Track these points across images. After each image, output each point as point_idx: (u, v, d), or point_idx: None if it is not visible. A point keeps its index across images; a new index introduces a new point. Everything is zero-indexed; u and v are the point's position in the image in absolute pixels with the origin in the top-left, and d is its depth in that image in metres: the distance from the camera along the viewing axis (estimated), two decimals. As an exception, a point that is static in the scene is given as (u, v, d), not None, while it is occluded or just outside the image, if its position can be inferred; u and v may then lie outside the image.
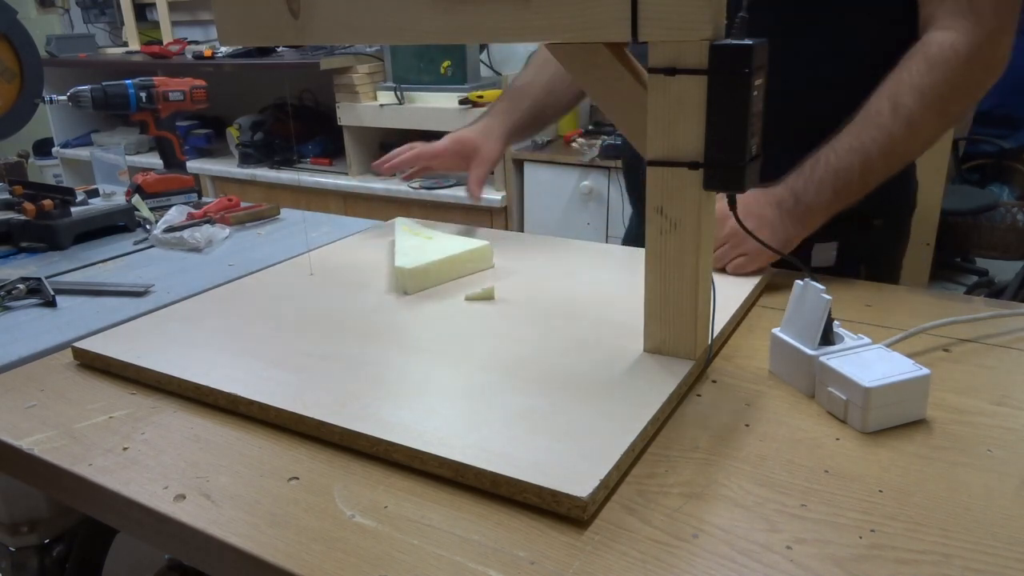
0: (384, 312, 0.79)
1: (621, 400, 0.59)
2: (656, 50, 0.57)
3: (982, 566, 0.43)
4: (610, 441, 0.53)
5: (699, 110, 0.58)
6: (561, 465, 0.51)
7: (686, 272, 0.63)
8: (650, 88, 0.59)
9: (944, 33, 0.79)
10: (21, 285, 0.91)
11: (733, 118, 0.57)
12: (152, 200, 1.26)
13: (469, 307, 0.79)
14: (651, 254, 0.64)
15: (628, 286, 0.83)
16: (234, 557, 0.48)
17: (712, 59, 0.56)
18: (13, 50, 1.16)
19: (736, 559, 0.44)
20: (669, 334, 0.65)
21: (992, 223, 2.75)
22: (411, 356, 0.68)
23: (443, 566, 0.45)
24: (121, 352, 0.70)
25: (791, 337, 0.63)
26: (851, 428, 0.57)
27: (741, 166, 0.58)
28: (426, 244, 0.91)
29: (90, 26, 3.62)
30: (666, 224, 0.62)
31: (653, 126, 0.60)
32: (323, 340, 0.71)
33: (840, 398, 0.58)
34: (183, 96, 1.31)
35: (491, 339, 0.71)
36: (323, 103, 2.86)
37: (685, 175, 0.60)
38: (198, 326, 0.76)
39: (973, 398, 0.61)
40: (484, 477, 0.51)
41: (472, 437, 0.54)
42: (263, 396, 0.61)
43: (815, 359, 0.61)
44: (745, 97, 0.56)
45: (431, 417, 0.58)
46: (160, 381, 0.67)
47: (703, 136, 0.58)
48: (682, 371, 0.63)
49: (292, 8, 0.72)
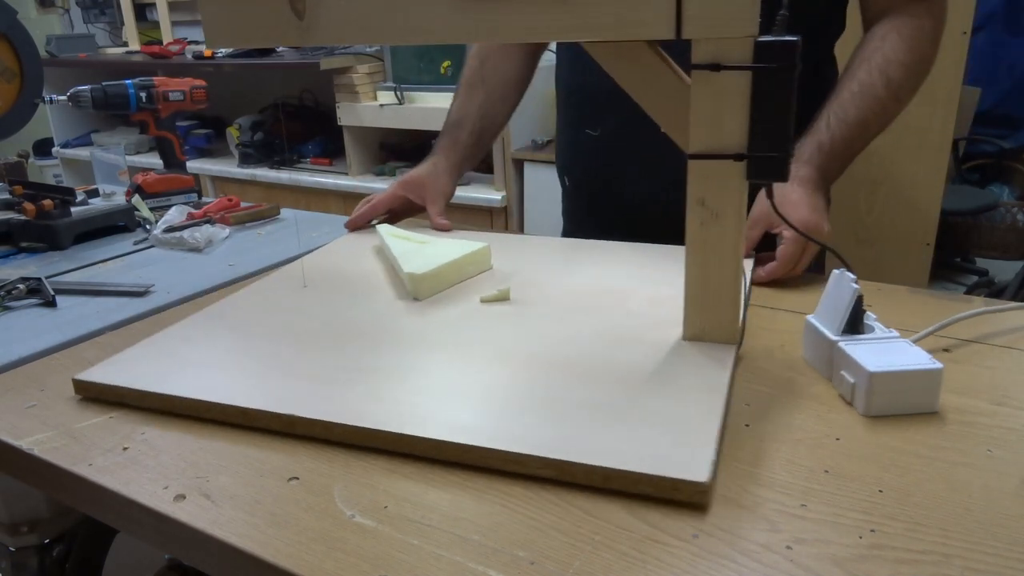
0: (403, 319, 0.76)
1: (685, 387, 0.60)
2: (699, 47, 0.58)
3: (982, 566, 0.43)
4: (698, 426, 0.54)
5: (743, 104, 0.59)
6: (662, 454, 0.51)
7: (727, 260, 0.64)
8: (693, 84, 0.60)
9: (909, 17, 0.89)
10: (21, 285, 0.91)
11: (779, 111, 0.59)
12: (152, 200, 1.26)
13: (487, 309, 0.78)
14: (692, 244, 0.65)
15: (634, 279, 0.83)
16: (234, 557, 0.48)
17: (758, 55, 0.57)
18: (13, 50, 1.16)
19: (736, 559, 0.45)
20: (709, 321, 0.67)
21: (992, 223, 2.75)
22: (452, 361, 0.67)
23: (443, 566, 0.45)
24: (134, 380, 0.64)
25: (820, 323, 0.66)
26: (852, 431, 0.58)
27: (785, 156, 0.59)
28: (424, 248, 0.90)
29: (90, 26, 3.62)
30: (707, 215, 0.63)
31: (696, 121, 0.61)
32: (354, 352, 0.69)
33: (849, 381, 0.60)
34: (183, 96, 1.31)
35: (525, 339, 0.70)
36: (323, 103, 2.86)
37: (728, 167, 0.61)
38: (211, 346, 0.71)
39: (973, 398, 0.61)
40: (594, 473, 0.50)
41: (557, 435, 0.54)
42: (322, 414, 0.58)
43: (835, 344, 0.63)
44: (790, 90, 0.58)
45: (507, 420, 0.56)
46: (193, 409, 0.62)
47: (747, 128, 0.59)
48: (729, 355, 0.64)
49: (296, 8, 0.70)
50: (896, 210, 2.02)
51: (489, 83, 1.12)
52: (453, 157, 1.10)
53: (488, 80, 1.12)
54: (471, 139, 1.11)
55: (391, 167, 2.65)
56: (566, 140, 1.16)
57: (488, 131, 1.13)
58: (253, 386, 0.63)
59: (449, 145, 1.11)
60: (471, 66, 1.14)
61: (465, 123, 1.11)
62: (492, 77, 1.12)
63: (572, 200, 1.19)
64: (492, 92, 1.12)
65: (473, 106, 1.11)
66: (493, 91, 1.12)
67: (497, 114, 1.14)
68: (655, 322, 0.72)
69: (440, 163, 1.09)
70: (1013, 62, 3.10)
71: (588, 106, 1.09)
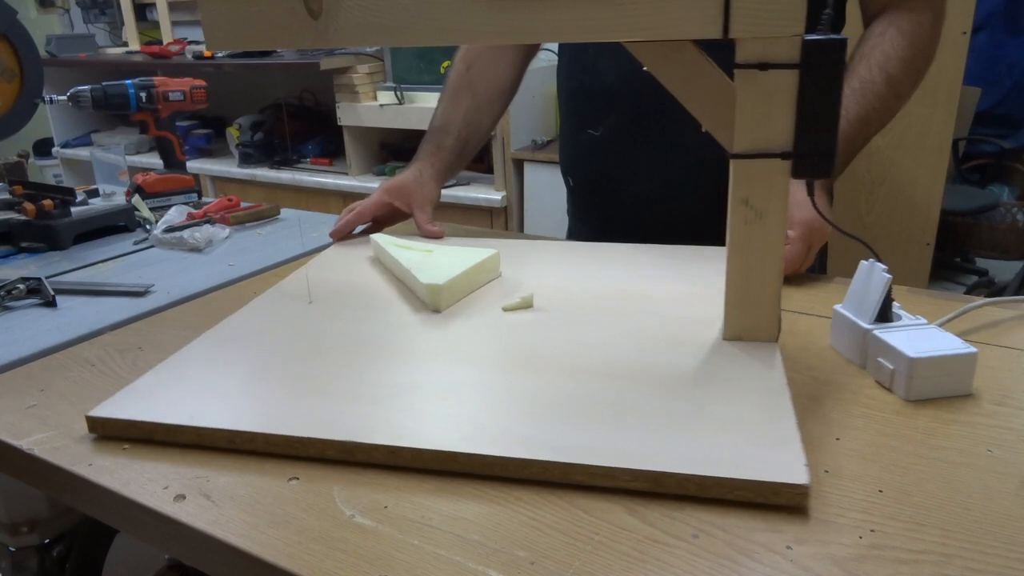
0: (427, 332, 0.73)
1: (743, 388, 0.59)
2: (745, 46, 0.58)
3: (982, 566, 0.43)
4: (774, 428, 0.53)
5: (790, 102, 0.59)
6: (752, 458, 0.50)
7: (769, 259, 0.64)
8: (739, 83, 0.60)
9: (908, 12, 0.90)
10: (21, 285, 0.91)
11: (826, 109, 0.59)
12: (152, 200, 1.26)
13: (512, 318, 0.75)
14: (735, 244, 0.64)
15: (651, 280, 0.83)
16: (234, 557, 0.48)
17: (806, 53, 0.57)
18: (13, 50, 1.16)
19: (736, 559, 0.44)
20: (751, 320, 0.67)
21: (992, 223, 2.76)
22: (494, 373, 0.64)
23: (443, 566, 0.45)
24: (154, 413, 0.59)
25: (850, 312, 0.68)
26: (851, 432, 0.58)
27: (831, 153, 0.60)
28: (432, 258, 0.86)
29: (90, 26, 3.62)
30: (751, 214, 0.63)
31: (742, 120, 0.61)
32: (386, 369, 0.65)
33: (888, 368, 0.62)
34: (183, 96, 1.31)
35: (560, 346, 0.68)
36: (323, 103, 2.86)
37: (773, 165, 0.61)
38: (231, 372, 0.66)
39: (973, 398, 0.61)
40: (689, 482, 0.49)
41: (642, 445, 0.52)
42: (375, 437, 0.54)
43: (869, 332, 0.65)
44: (838, 88, 0.58)
45: (576, 432, 0.54)
46: (228, 440, 0.57)
47: (792, 127, 0.60)
48: (775, 354, 0.64)
49: (311, 7, 0.66)
50: (896, 210, 2.02)
51: (476, 89, 1.10)
52: (438, 164, 1.08)
53: (475, 85, 1.10)
54: (456, 145, 1.09)
55: (391, 167, 2.65)
56: (568, 141, 1.16)
57: (473, 138, 1.11)
58: (294, 412, 0.59)
59: (434, 151, 1.09)
60: (457, 71, 1.11)
61: (450, 129, 1.09)
62: (479, 83, 1.10)
63: (576, 200, 1.19)
64: (479, 98, 1.10)
65: (459, 112, 1.09)
66: (480, 97, 1.10)
67: (483, 121, 1.12)
68: (687, 322, 0.71)
69: (426, 170, 1.07)
70: (1013, 62, 3.10)
71: (589, 106, 1.09)
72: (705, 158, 1.00)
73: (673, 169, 1.02)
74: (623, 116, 1.04)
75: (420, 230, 1.04)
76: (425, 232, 1.03)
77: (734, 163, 0.62)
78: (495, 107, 1.13)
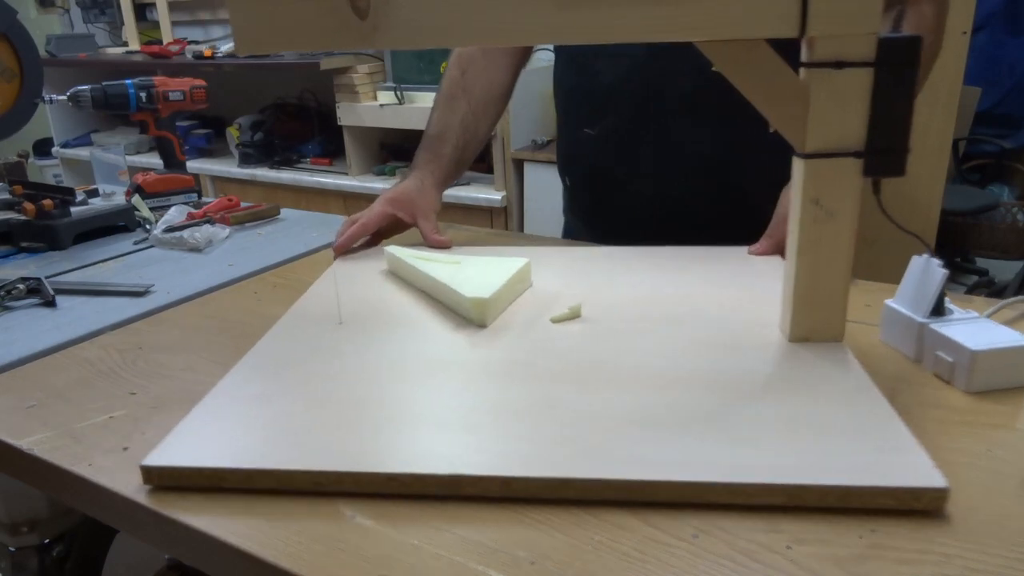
0: (480, 349, 0.69)
1: (832, 391, 0.58)
2: (821, 44, 0.58)
3: (982, 566, 0.43)
4: (885, 431, 0.53)
5: (864, 101, 0.59)
6: (880, 463, 0.49)
7: (839, 258, 0.64)
8: (813, 82, 0.60)
9: (910, 7, 0.89)
10: (21, 285, 0.91)
11: (900, 106, 0.59)
12: (152, 200, 1.26)
13: (563, 329, 0.73)
14: (804, 245, 0.64)
15: (683, 283, 0.82)
16: (234, 557, 0.48)
17: (882, 51, 0.58)
18: (13, 50, 1.16)
19: (736, 559, 0.44)
20: (817, 321, 0.66)
21: (992, 223, 2.76)
22: (574, 390, 0.60)
23: (443, 566, 0.45)
24: (232, 458, 0.53)
25: (903, 307, 0.69)
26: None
27: (904, 151, 0.60)
28: (466, 270, 0.82)
29: (90, 26, 3.62)
30: (821, 214, 0.63)
31: (815, 119, 0.61)
32: (458, 391, 0.62)
33: (947, 361, 0.63)
34: (183, 96, 1.31)
35: (625, 357, 0.66)
36: (323, 103, 2.86)
37: (845, 164, 0.61)
38: (289, 404, 0.60)
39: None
40: (829, 494, 0.48)
41: (761, 457, 0.50)
42: (497, 469, 0.51)
43: (925, 326, 0.66)
44: (913, 86, 0.58)
45: (690, 447, 0.52)
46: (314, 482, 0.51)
47: (865, 125, 0.60)
48: (847, 354, 0.64)
49: (358, 6, 0.61)
50: (896, 210, 2.02)
51: (472, 94, 1.08)
52: (438, 172, 1.06)
53: (471, 90, 1.08)
54: (455, 153, 1.07)
55: (391, 167, 2.65)
56: (565, 140, 1.17)
57: (471, 144, 1.09)
58: (378, 447, 0.54)
59: (432, 160, 1.07)
60: (451, 76, 1.09)
61: (448, 136, 1.07)
62: (475, 88, 1.08)
63: (573, 199, 1.19)
64: (475, 104, 1.08)
65: (456, 118, 1.07)
66: (476, 103, 1.08)
67: (479, 127, 1.09)
68: (741, 326, 0.70)
69: (426, 178, 1.05)
70: (1013, 62, 3.10)
71: (586, 106, 1.09)
72: (702, 157, 1.00)
73: (670, 169, 1.02)
74: (620, 116, 1.04)
75: (426, 240, 1.00)
76: (432, 242, 0.99)
77: (805, 163, 0.62)
78: (491, 113, 1.11)
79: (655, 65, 0.99)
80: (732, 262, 0.89)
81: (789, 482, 0.48)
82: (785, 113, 0.62)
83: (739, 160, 1.00)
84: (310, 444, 0.54)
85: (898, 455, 0.50)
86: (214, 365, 0.72)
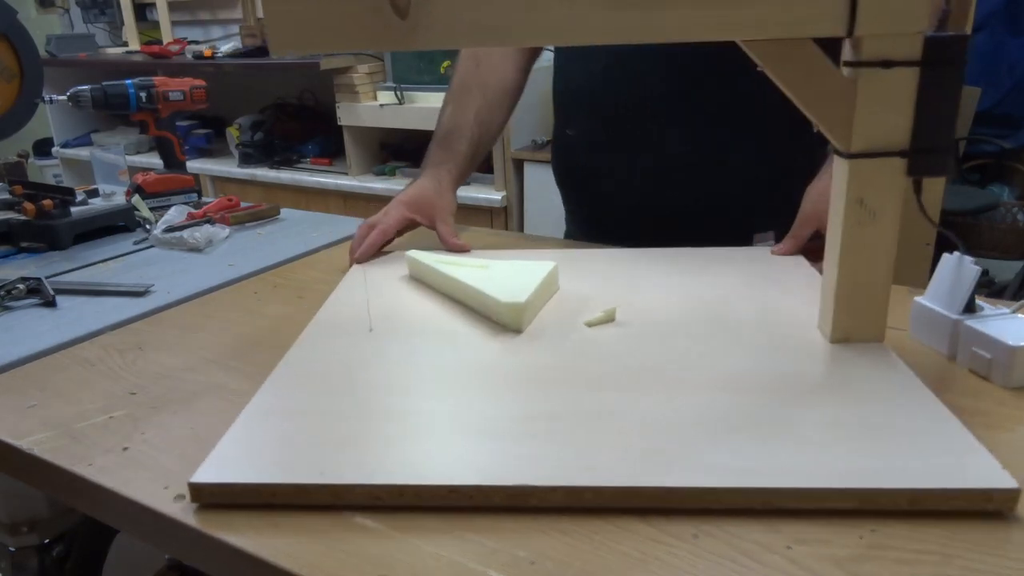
0: (520, 355, 0.68)
1: (882, 392, 0.58)
2: (868, 44, 0.58)
3: (982, 566, 0.43)
4: (944, 431, 0.52)
5: (910, 100, 0.59)
6: (947, 465, 0.49)
7: (882, 259, 0.65)
8: (860, 81, 0.60)
9: None
10: (21, 285, 0.91)
11: (945, 105, 0.59)
12: (152, 200, 1.26)
13: (600, 333, 0.72)
14: (847, 245, 0.64)
15: (707, 285, 0.82)
16: (234, 557, 0.48)
17: (928, 51, 0.58)
18: (13, 50, 1.16)
19: (736, 559, 0.44)
20: (859, 322, 0.66)
21: (992, 223, 2.75)
22: (630, 395, 0.59)
23: (443, 566, 0.45)
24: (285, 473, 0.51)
25: (935, 304, 0.69)
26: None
27: (948, 150, 0.60)
28: (494, 274, 0.80)
29: (90, 26, 3.62)
30: (865, 214, 0.63)
31: (861, 119, 0.61)
32: (506, 399, 0.60)
33: (985, 357, 0.63)
34: (183, 96, 1.31)
35: (669, 360, 0.65)
36: (323, 103, 2.86)
37: (890, 164, 0.61)
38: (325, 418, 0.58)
39: (973, 397, 0.61)
40: (900, 497, 0.47)
41: (829, 460, 0.50)
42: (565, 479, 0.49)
43: (960, 323, 0.66)
44: (959, 85, 0.58)
45: (753, 452, 0.51)
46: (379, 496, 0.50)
47: (911, 125, 0.60)
48: (890, 354, 0.64)
49: (398, 5, 0.59)
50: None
51: (487, 86, 1.06)
52: (454, 171, 1.03)
53: (486, 83, 1.06)
54: (469, 149, 1.04)
55: (391, 167, 2.65)
56: (554, 140, 1.18)
57: (485, 138, 1.07)
58: (434, 458, 0.52)
59: (448, 158, 1.03)
60: (466, 68, 1.07)
61: (462, 132, 1.04)
62: (490, 80, 1.06)
63: (565, 198, 1.20)
64: (489, 97, 1.06)
65: (469, 112, 1.04)
66: (491, 96, 1.06)
67: (494, 120, 1.07)
68: (780, 326, 0.70)
69: (443, 178, 1.02)
70: (1013, 62, 3.09)
71: (565, 107, 1.11)
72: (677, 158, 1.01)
73: (646, 169, 1.03)
74: (593, 117, 1.05)
75: (444, 244, 0.98)
76: (450, 247, 0.97)
77: (849, 163, 0.62)
78: (506, 105, 1.09)
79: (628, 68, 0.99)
80: (757, 263, 0.88)
81: (862, 486, 0.47)
82: (830, 113, 0.62)
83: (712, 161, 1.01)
84: (363, 456, 0.53)
85: (964, 456, 0.50)
86: (214, 365, 0.72)
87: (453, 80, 1.09)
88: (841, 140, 0.62)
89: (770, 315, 0.73)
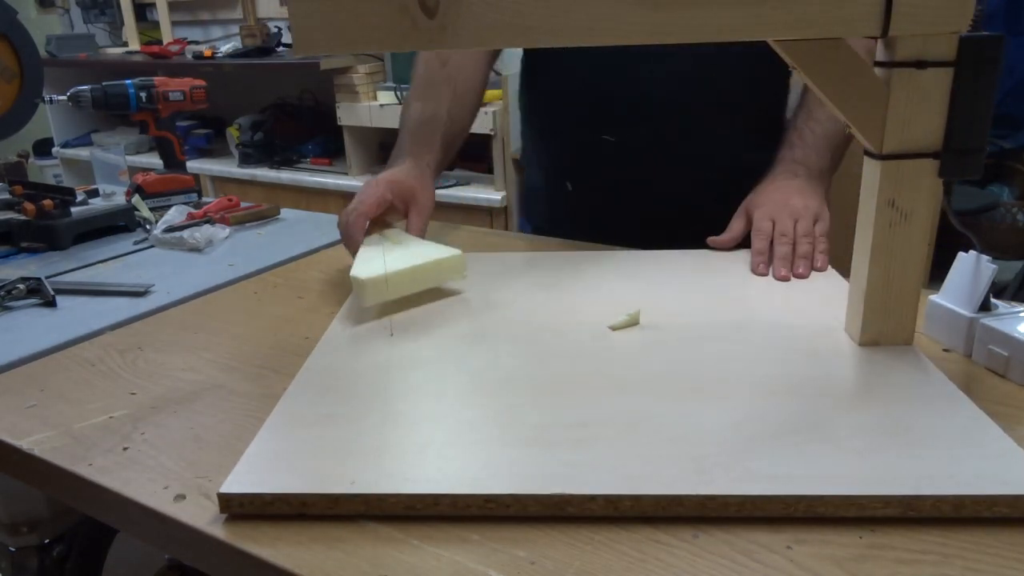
0: (549, 360, 0.67)
1: (917, 396, 0.58)
2: (903, 44, 0.58)
3: (982, 566, 0.43)
4: (983, 435, 0.52)
5: (944, 101, 0.59)
6: (989, 470, 0.48)
7: (913, 261, 0.64)
8: (894, 82, 0.59)
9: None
10: (21, 285, 0.91)
11: (979, 106, 0.59)
12: (152, 200, 1.26)
13: (625, 337, 0.71)
14: (878, 247, 0.64)
15: (731, 287, 0.81)
16: (234, 557, 0.48)
17: (963, 51, 0.57)
18: (13, 50, 1.16)
19: (736, 559, 0.44)
20: (890, 324, 0.66)
21: (992, 223, 2.75)
22: (665, 401, 0.58)
23: (443, 566, 0.45)
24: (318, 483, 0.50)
25: (950, 302, 0.70)
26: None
27: (981, 151, 0.60)
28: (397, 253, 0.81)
29: (90, 26, 3.62)
30: (897, 216, 0.63)
31: (894, 120, 0.60)
32: (542, 404, 0.59)
33: (1002, 355, 0.64)
34: (183, 96, 1.31)
35: (699, 365, 0.64)
36: (323, 103, 2.86)
37: (922, 166, 0.61)
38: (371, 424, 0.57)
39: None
40: (944, 503, 0.47)
41: (870, 466, 0.49)
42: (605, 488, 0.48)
43: (976, 321, 0.67)
44: (993, 86, 0.58)
45: (791, 459, 0.50)
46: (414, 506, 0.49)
47: (944, 126, 0.60)
48: (920, 357, 0.64)
49: (427, 4, 0.58)
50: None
51: (455, 83, 1.03)
52: (433, 165, 0.99)
53: (454, 80, 1.03)
54: (444, 143, 1.01)
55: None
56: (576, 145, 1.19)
57: (456, 137, 1.04)
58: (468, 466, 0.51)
59: (426, 150, 0.99)
60: (431, 66, 1.04)
61: (437, 124, 1.00)
62: (458, 77, 1.03)
63: (579, 204, 1.21)
64: (459, 93, 1.03)
65: (442, 107, 1.01)
66: (460, 94, 1.04)
67: (464, 118, 1.05)
68: (806, 330, 0.70)
69: (425, 172, 0.97)
70: (1013, 62, 3.09)
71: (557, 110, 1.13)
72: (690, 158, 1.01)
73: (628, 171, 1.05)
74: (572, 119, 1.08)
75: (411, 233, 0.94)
76: None
77: (882, 164, 0.61)
78: (473, 104, 1.07)
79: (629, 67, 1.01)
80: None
81: (904, 493, 0.47)
82: (863, 114, 0.61)
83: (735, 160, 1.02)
84: (399, 465, 0.52)
85: (1006, 461, 0.49)
86: (214, 365, 0.72)
87: (416, 77, 1.06)
88: (873, 141, 0.62)
89: (794, 317, 0.73)
